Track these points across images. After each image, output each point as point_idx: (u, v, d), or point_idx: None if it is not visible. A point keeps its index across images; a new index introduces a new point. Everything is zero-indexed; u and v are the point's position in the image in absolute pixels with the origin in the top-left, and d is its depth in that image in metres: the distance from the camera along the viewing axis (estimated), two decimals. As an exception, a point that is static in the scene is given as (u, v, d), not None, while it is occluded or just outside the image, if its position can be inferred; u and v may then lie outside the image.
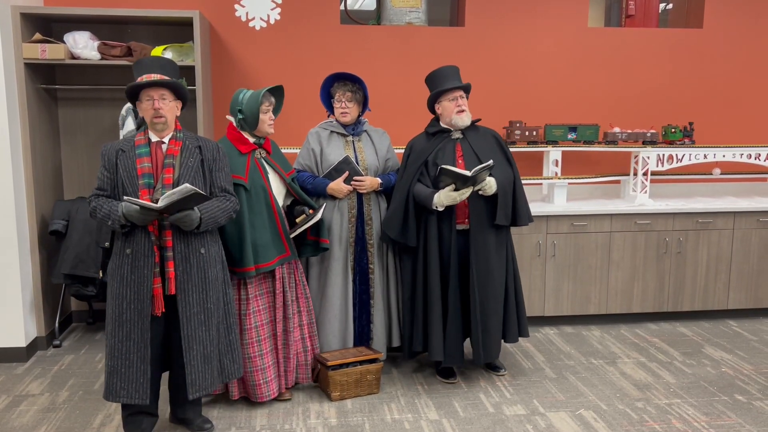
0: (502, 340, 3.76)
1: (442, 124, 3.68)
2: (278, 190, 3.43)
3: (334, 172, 3.62)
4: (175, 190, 2.70)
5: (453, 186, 3.44)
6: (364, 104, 3.75)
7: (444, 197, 3.47)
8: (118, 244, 2.87)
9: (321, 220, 3.51)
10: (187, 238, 2.88)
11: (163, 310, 2.86)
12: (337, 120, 3.74)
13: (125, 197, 2.75)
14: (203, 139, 3.02)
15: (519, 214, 3.65)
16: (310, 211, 3.47)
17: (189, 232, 2.88)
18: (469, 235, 3.58)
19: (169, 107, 2.90)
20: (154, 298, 2.84)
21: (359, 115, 3.75)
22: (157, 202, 2.75)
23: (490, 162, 3.41)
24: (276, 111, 3.46)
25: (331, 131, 3.73)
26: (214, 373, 3.00)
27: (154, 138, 2.91)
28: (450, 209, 3.56)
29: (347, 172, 3.59)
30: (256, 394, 3.36)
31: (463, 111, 3.60)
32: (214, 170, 3.00)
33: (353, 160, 3.62)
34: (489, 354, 3.64)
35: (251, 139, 3.35)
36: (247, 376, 3.35)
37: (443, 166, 3.36)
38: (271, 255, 3.29)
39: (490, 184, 3.49)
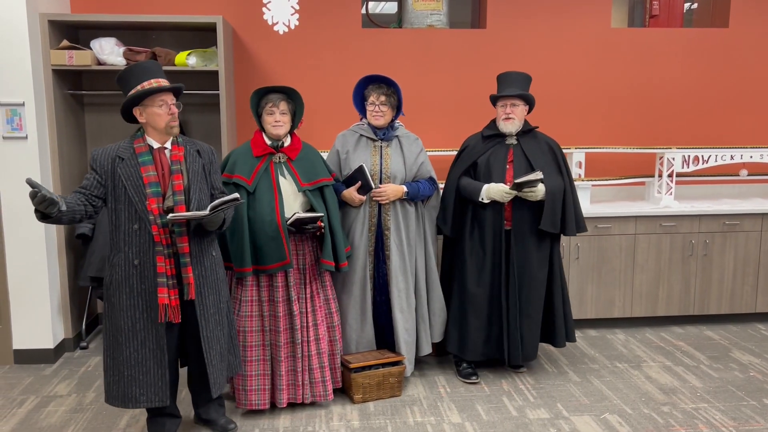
0: (550, 344, 3.89)
1: (497, 128, 3.74)
2: (293, 198, 3.33)
3: (351, 180, 3.56)
4: (199, 213, 2.73)
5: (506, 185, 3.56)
6: (398, 109, 3.66)
7: (494, 191, 3.57)
8: (121, 256, 2.79)
9: (338, 239, 3.38)
10: (200, 242, 2.89)
11: (178, 320, 2.83)
12: (368, 123, 3.66)
13: (170, 215, 2.73)
14: (198, 143, 3.01)
15: (566, 223, 3.69)
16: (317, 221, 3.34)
17: (200, 237, 2.89)
18: (510, 236, 3.66)
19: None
20: (166, 306, 2.81)
21: (392, 120, 3.67)
22: (169, 211, 2.77)
23: (539, 175, 3.51)
24: (297, 114, 3.38)
25: (360, 135, 3.66)
26: (224, 370, 3.05)
27: (155, 144, 2.86)
28: (500, 209, 3.62)
29: (360, 182, 3.51)
30: (236, 399, 3.37)
31: (510, 119, 3.66)
32: (212, 172, 3.00)
33: (367, 170, 3.50)
34: (526, 354, 3.74)
35: (268, 142, 3.33)
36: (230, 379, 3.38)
37: (516, 181, 3.52)
38: (271, 260, 3.23)
39: (537, 192, 3.57)
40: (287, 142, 3.38)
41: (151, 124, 2.83)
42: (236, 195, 2.84)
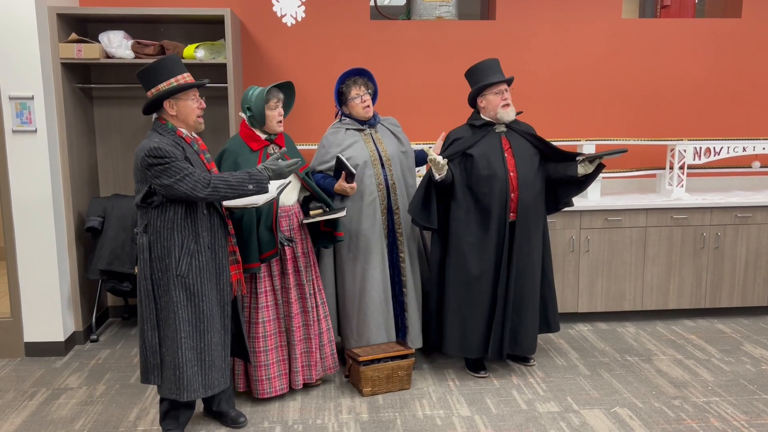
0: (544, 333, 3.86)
1: (485, 118, 3.65)
2: (290, 186, 3.45)
3: (335, 174, 3.60)
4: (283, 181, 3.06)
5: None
6: (374, 96, 3.80)
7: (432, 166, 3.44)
8: (200, 241, 2.87)
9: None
10: None
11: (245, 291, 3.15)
12: (352, 117, 3.74)
13: (233, 202, 2.99)
14: None
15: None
16: (326, 208, 3.48)
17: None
18: (515, 228, 3.57)
19: None
20: (238, 282, 3.09)
21: None
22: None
23: (625, 150, 3.50)
24: (287, 107, 3.49)
25: (347, 129, 3.74)
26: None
27: (188, 135, 2.95)
28: (506, 200, 3.52)
29: (344, 173, 3.53)
30: (257, 390, 3.39)
31: (508, 105, 3.60)
32: None
33: (343, 157, 3.53)
34: (527, 348, 3.70)
35: (262, 136, 3.40)
36: (250, 370, 3.40)
37: (605, 153, 3.46)
38: (269, 248, 3.30)
39: (593, 165, 3.55)
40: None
41: (181, 116, 2.90)
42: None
